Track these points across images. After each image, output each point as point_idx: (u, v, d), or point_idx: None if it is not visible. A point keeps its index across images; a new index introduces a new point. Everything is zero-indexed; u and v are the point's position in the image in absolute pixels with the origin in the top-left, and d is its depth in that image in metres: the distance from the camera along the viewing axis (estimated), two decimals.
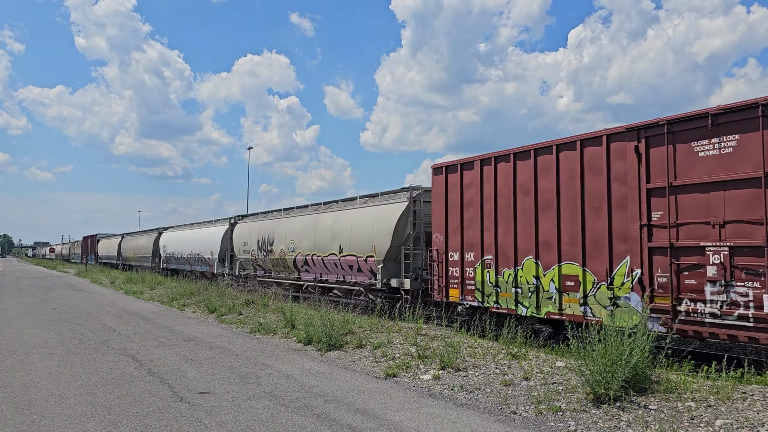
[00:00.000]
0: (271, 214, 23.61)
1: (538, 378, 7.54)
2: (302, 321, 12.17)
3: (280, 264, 21.16)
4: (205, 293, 19.51)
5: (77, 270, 49.96)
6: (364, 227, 16.13)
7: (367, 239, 15.88)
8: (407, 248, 14.78)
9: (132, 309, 17.75)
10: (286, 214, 21.82)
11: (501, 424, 6.02)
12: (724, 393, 6.31)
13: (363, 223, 16.33)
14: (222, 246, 27.09)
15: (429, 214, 14.42)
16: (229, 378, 8.14)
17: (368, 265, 15.93)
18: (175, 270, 34.98)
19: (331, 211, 18.63)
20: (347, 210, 17.72)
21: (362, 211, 16.76)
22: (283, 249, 20.50)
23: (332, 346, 10.07)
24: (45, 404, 6.86)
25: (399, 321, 12.06)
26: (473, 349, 9.34)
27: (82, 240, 70.68)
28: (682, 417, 5.83)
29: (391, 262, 15.39)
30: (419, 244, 14.75)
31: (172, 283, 26.33)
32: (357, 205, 17.41)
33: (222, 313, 15.39)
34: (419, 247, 14.73)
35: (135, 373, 8.48)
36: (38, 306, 18.91)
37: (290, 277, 20.77)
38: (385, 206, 15.87)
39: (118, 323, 14.26)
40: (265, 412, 6.46)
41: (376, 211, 16.07)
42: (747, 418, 5.69)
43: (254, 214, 25.52)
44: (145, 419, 6.21)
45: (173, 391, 7.40)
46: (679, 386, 6.66)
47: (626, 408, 6.15)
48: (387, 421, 6.08)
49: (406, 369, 8.41)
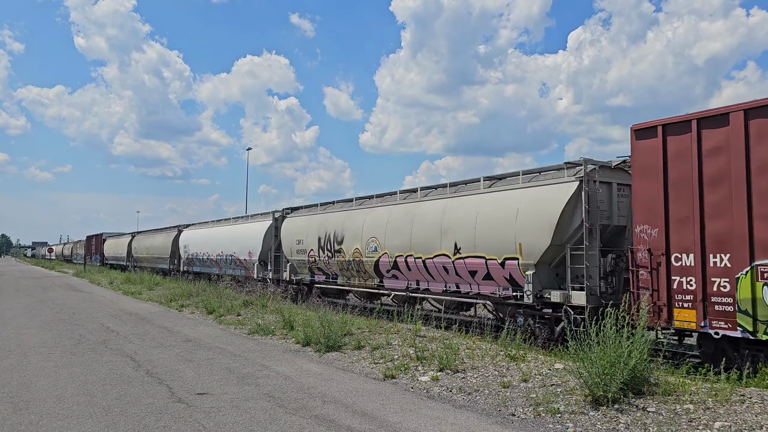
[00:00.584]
0: (335, 205, 19.23)
1: (537, 380, 7.54)
2: (301, 322, 12.17)
3: (352, 268, 16.87)
4: (203, 294, 19.49)
5: (76, 270, 49.89)
6: (501, 218, 11.89)
7: (507, 234, 11.67)
8: (572, 247, 10.86)
9: (130, 309, 17.73)
10: (361, 205, 17.39)
11: (499, 425, 6.02)
12: (722, 395, 6.32)
13: (498, 213, 12.00)
14: (264, 245, 22.72)
15: (605, 200, 10.87)
16: (227, 379, 8.14)
17: (506, 270, 11.78)
18: (199, 274, 30.39)
19: (435, 198, 14.23)
20: (467, 196, 13.24)
21: (496, 196, 12.39)
22: (359, 248, 16.30)
23: (331, 347, 10.06)
24: (43, 404, 6.85)
25: (397, 322, 12.05)
26: (472, 350, 9.34)
27: (86, 240, 67.09)
28: (680, 419, 5.83)
29: (545, 268, 11.33)
30: (593, 241, 10.60)
31: (171, 283, 26.31)
32: (481, 190, 12.98)
33: (220, 314, 15.37)
34: (593, 246, 10.57)
35: (133, 374, 8.47)
36: (36, 306, 18.88)
37: (367, 285, 16.49)
38: (537, 189, 11.53)
39: (117, 324, 14.24)
40: (263, 413, 6.45)
41: (522, 196, 11.71)
42: (745, 420, 5.69)
43: (310, 206, 20.93)
44: (143, 420, 6.20)
45: (171, 392, 7.39)
46: (678, 388, 6.67)
47: (625, 410, 6.15)
48: (385, 423, 6.08)
49: (405, 370, 8.41)
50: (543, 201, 11.17)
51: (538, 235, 11.06)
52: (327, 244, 18.02)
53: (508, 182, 12.58)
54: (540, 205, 11.19)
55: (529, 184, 11.85)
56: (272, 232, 22.33)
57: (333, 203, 19.44)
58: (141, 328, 13.51)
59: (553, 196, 10.99)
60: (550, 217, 10.84)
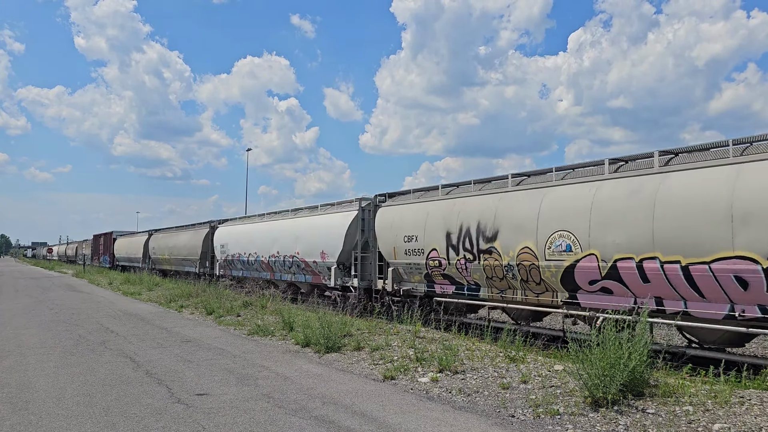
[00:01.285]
0: (471, 186, 13.84)
1: (537, 381, 7.54)
2: (300, 323, 12.17)
3: (513, 275, 11.94)
4: (203, 295, 19.48)
5: (75, 271, 49.88)
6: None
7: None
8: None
9: (130, 310, 17.73)
10: (526, 185, 12.26)
11: (499, 427, 6.02)
12: (721, 397, 6.32)
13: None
14: (346, 244, 17.59)
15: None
16: (227, 380, 8.13)
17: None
18: (242, 279, 24.72)
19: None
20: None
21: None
22: (531, 248, 11.41)
23: (330, 348, 10.06)
24: (42, 405, 6.85)
25: (397, 324, 12.05)
26: (471, 352, 9.34)
27: (92, 239, 61.51)
28: (679, 421, 5.83)
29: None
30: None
31: (170, 284, 26.28)
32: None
33: (220, 315, 15.37)
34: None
35: (133, 375, 8.47)
36: (36, 306, 18.87)
37: (542, 300, 11.69)
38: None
39: (116, 324, 14.24)
40: (262, 414, 6.45)
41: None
42: (745, 422, 5.69)
43: (421, 190, 15.70)
44: (143, 420, 6.20)
45: (171, 393, 7.39)
46: (677, 390, 6.67)
47: (624, 412, 6.16)
48: (385, 424, 6.08)
49: (404, 371, 8.41)
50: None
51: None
52: (464, 242, 13.00)
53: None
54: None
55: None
56: (358, 225, 17.37)
57: (466, 184, 14.10)
58: (140, 328, 13.51)
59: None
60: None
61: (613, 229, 9.89)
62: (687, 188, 9.08)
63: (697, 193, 8.89)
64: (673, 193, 9.19)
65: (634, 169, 10.20)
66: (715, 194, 8.60)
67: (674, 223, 9.05)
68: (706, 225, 8.62)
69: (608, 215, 10.02)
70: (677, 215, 9.03)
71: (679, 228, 8.98)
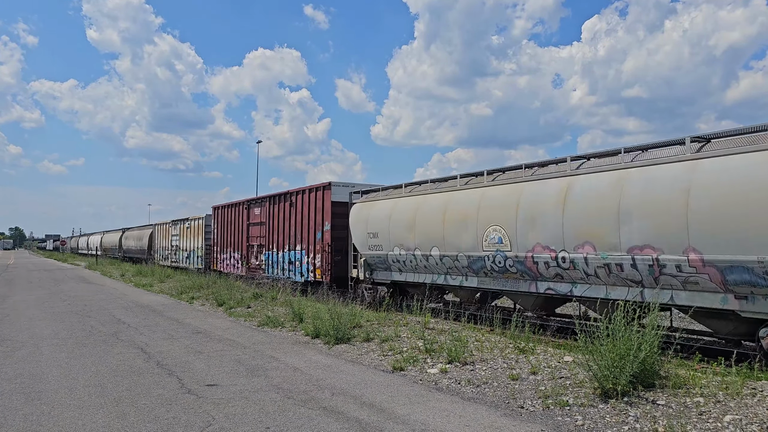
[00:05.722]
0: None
1: (546, 372, 7.51)
2: (310, 314, 12.20)
3: None
4: (213, 286, 19.60)
5: (88, 263, 50.34)
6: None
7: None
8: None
9: (141, 301, 17.87)
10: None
11: (508, 418, 6.01)
12: (733, 389, 6.26)
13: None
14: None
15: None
16: (236, 370, 8.18)
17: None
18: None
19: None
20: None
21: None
22: None
23: (340, 339, 10.08)
24: (55, 395, 6.93)
25: (407, 314, 12.05)
26: (481, 343, 9.32)
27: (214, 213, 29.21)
28: (690, 412, 5.79)
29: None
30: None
31: (182, 276, 26.46)
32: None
33: (230, 306, 15.45)
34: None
35: (144, 365, 8.54)
36: (49, 298, 19.07)
37: None
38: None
39: (128, 315, 14.36)
40: (272, 404, 6.48)
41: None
42: (756, 413, 5.64)
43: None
44: (154, 411, 6.25)
45: (181, 383, 7.45)
46: (688, 381, 6.62)
47: (634, 403, 6.12)
48: (394, 415, 6.09)
49: (414, 363, 8.41)
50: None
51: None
52: None
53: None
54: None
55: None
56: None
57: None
58: (151, 319, 13.61)
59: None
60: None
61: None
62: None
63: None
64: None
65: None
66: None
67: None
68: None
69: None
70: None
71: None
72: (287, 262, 20.82)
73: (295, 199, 20.38)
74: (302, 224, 19.80)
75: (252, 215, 24.35)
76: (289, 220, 20.82)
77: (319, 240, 18.50)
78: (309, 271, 19.13)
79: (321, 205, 18.57)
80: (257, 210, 23.85)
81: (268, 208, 22.73)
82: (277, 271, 21.55)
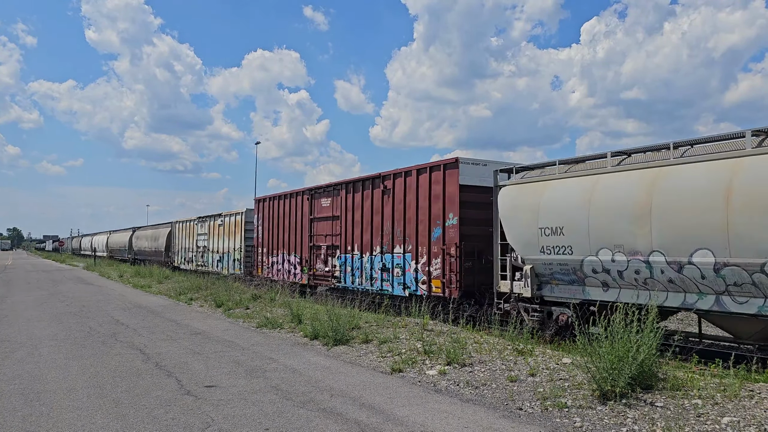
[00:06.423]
0: None
1: (544, 374, 7.53)
2: (309, 316, 12.21)
3: None
4: (212, 288, 19.59)
5: (86, 263, 50.28)
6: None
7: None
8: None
9: (140, 303, 17.86)
10: None
11: (506, 419, 6.02)
12: (731, 391, 6.28)
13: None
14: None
15: None
16: (235, 372, 8.18)
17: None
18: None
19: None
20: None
21: None
22: None
23: (338, 340, 10.09)
24: (54, 396, 6.92)
25: (405, 316, 12.06)
26: (479, 344, 9.33)
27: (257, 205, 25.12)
28: (688, 414, 5.81)
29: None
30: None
31: (180, 277, 26.43)
32: None
33: (229, 308, 15.45)
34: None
35: (142, 367, 8.54)
36: (47, 299, 19.05)
37: None
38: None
39: (126, 317, 14.35)
40: (271, 405, 6.49)
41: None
42: (754, 416, 5.66)
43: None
44: (153, 412, 6.26)
45: (180, 385, 7.45)
46: (686, 383, 6.64)
47: (632, 405, 6.14)
48: (392, 416, 6.10)
49: (412, 364, 8.42)
50: None
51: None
52: None
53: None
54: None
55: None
56: None
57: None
58: (150, 321, 13.61)
59: None
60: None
61: None
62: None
63: None
64: None
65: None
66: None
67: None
68: None
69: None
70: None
71: None
72: (379, 268, 16.01)
73: (392, 183, 15.76)
74: (405, 218, 15.14)
75: (317, 207, 19.63)
76: (381, 212, 16.13)
77: (437, 239, 13.94)
78: (418, 281, 14.43)
79: (441, 190, 13.92)
80: (325, 200, 19.16)
81: (344, 197, 18.00)
82: (361, 281, 16.83)
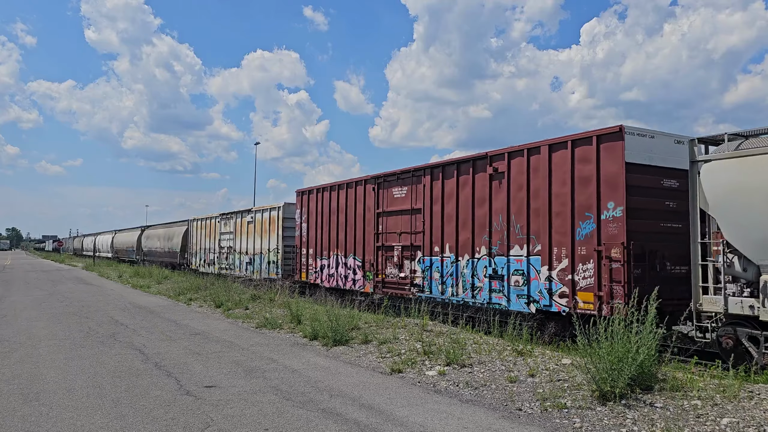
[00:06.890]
0: None
1: (544, 375, 7.53)
2: (308, 316, 12.21)
3: None
4: (211, 288, 19.58)
5: (85, 264, 50.26)
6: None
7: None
8: None
9: (139, 303, 17.85)
10: None
11: (506, 420, 6.02)
12: (730, 392, 6.29)
13: None
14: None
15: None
16: (235, 372, 8.18)
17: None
18: None
19: None
20: None
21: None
22: None
23: (338, 341, 10.09)
24: (53, 396, 6.92)
25: (404, 317, 12.06)
26: (479, 345, 9.33)
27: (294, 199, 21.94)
28: (688, 415, 5.81)
29: None
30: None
31: (179, 277, 26.41)
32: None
33: (228, 308, 15.44)
34: None
35: (142, 367, 8.53)
36: (46, 299, 19.03)
37: None
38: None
39: (126, 317, 14.34)
40: (270, 406, 6.49)
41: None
42: (753, 416, 5.67)
43: None
44: (152, 412, 6.25)
45: (180, 385, 7.44)
46: (686, 384, 6.64)
47: (632, 406, 6.14)
48: (392, 417, 6.10)
49: (412, 365, 8.42)
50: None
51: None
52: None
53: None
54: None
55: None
56: None
57: None
58: (149, 321, 13.60)
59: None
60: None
61: None
62: None
63: None
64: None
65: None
66: None
67: None
68: None
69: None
70: None
71: None
72: (485, 275, 12.50)
73: (506, 165, 12.15)
74: (529, 209, 11.63)
75: (387, 199, 15.95)
76: (487, 202, 12.54)
77: (586, 237, 10.46)
78: (553, 293, 10.99)
79: (594, 170, 10.38)
80: (399, 190, 15.54)
81: (428, 185, 14.39)
82: (456, 291, 13.27)
